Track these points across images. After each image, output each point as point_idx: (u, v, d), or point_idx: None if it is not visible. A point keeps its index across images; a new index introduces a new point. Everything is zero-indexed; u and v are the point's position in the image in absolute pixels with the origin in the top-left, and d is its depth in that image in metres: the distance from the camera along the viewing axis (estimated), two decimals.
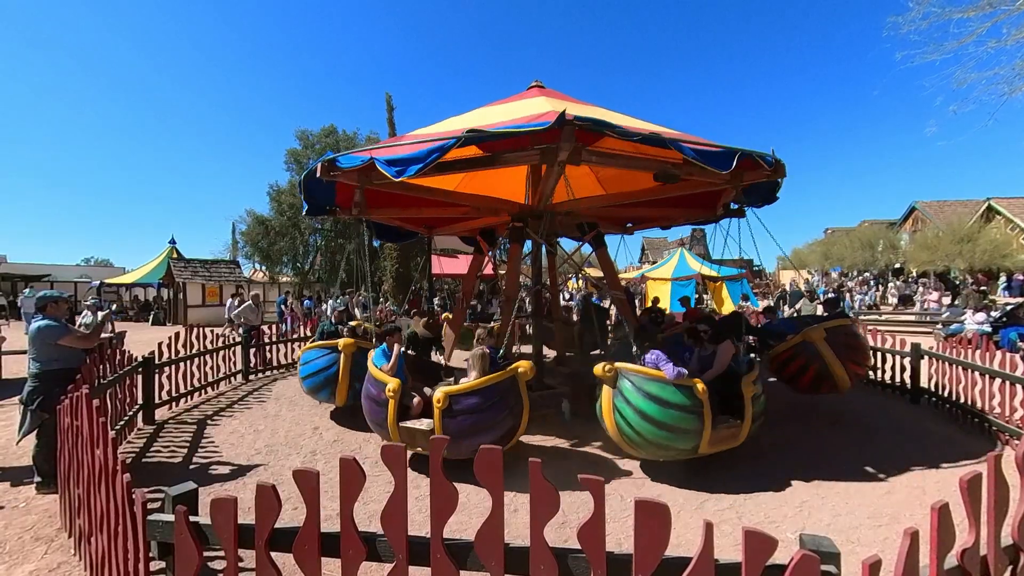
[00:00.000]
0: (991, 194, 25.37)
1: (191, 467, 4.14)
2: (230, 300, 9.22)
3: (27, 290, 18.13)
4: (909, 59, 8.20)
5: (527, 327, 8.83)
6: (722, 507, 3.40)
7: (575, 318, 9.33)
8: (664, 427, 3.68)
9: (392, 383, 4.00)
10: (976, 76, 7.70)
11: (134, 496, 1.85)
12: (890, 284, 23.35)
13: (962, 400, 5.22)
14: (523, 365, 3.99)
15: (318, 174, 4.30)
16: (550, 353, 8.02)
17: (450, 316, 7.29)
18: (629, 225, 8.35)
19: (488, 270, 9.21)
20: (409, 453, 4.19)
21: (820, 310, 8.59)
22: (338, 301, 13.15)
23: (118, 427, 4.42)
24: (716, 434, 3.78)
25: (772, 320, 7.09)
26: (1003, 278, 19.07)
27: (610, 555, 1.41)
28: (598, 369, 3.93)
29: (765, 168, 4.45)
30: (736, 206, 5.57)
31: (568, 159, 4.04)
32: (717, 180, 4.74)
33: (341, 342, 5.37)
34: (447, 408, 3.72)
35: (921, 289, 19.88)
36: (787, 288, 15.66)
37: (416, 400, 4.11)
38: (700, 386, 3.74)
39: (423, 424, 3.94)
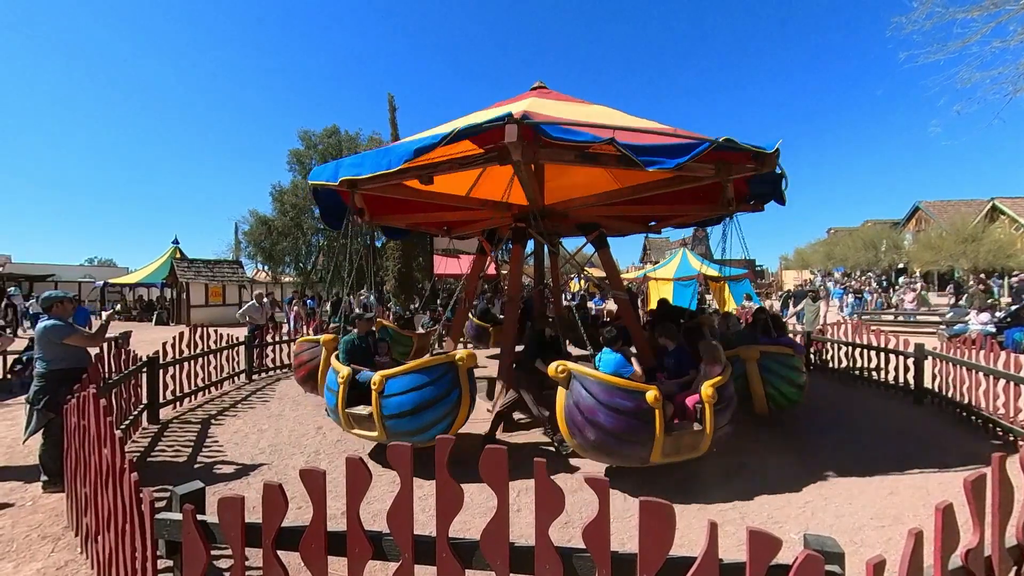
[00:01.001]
0: (995, 194, 25.31)
1: (196, 466, 4.16)
2: (252, 301, 9.29)
3: (12, 288, 18.17)
4: (913, 59, 8.18)
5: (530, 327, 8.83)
6: (725, 508, 3.40)
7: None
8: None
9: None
10: (980, 76, 7.68)
11: (142, 495, 1.87)
12: (900, 285, 23.14)
13: (966, 401, 5.21)
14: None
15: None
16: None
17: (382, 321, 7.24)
18: (653, 223, 8.20)
19: (491, 271, 9.23)
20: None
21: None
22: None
23: (123, 426, 4.45)
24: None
25: (728, 326, 6.95)
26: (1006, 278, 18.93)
27: (615, 555, 1.42)
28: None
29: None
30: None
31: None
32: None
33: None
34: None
35: (899, 289, 19.54)
36: (791, 289, 15.63)
37: None
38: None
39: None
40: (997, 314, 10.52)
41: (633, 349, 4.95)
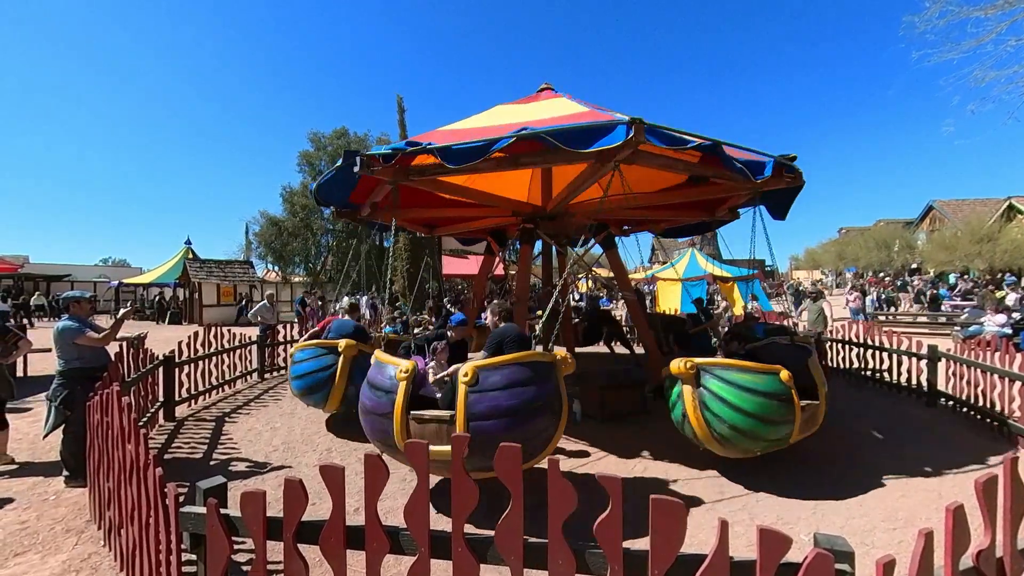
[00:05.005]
0: (1012, 193, 24.82)
1: (212, 463, 4.25)
2: (263, 302, 9.34)
3: None
4: (926, 58, 8.10)
5: (536, 327, 8.86)
6: (735, 508, 3.41)
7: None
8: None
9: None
10: (995, 75, 7.58)
11: (167, 489, 1.93)
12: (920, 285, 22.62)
13: (980, 403, 5.15)
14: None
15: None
16: None
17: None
18: (626, 228, 8.29)
19: (499, 271, 9.27)
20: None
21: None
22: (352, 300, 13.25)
23: (142, 423, 4.56)
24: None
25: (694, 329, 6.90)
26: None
27: (627, 551, 1.45)
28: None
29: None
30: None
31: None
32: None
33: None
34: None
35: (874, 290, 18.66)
36: (806, 287, 15.42)
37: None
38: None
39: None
40: (1014, 315, 10.33)
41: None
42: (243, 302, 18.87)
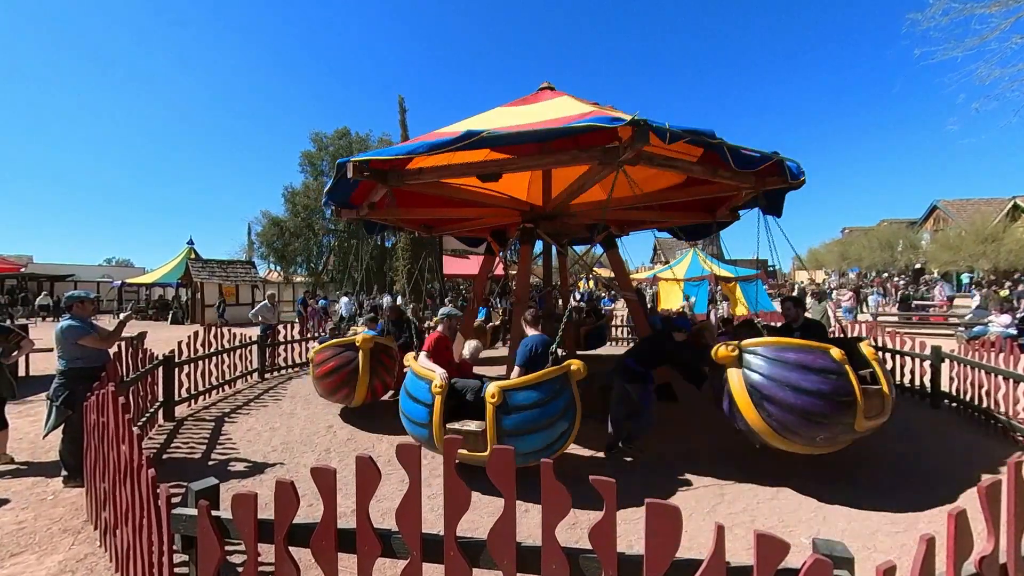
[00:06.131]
0: (1017, 192, 24.67)
1: (210, 463, 4.24)
2: (264, 302, 9.29)
3: None
4: (929, 55, 8.01)
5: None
6: (735, 511, 3.37)
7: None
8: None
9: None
10: (1000, 72, 7.51)
11: (158, 491, 1.91)
12: (939, 285, 22.30)
13: (984, 405, 5.10)
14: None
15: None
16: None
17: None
18: (625, 228, 8.27)
19: (499, 271, 9.26)
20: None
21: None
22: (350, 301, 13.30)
23: (140, 423, 4.55)
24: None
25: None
26: None
27: (621, 556, 1.43)
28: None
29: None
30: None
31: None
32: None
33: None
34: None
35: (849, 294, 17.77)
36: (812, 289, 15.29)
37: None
38: (837, 351, 3.44)
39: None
40: (1020, 315, 10.24)
41: None
42: (219, 305, 18.78)
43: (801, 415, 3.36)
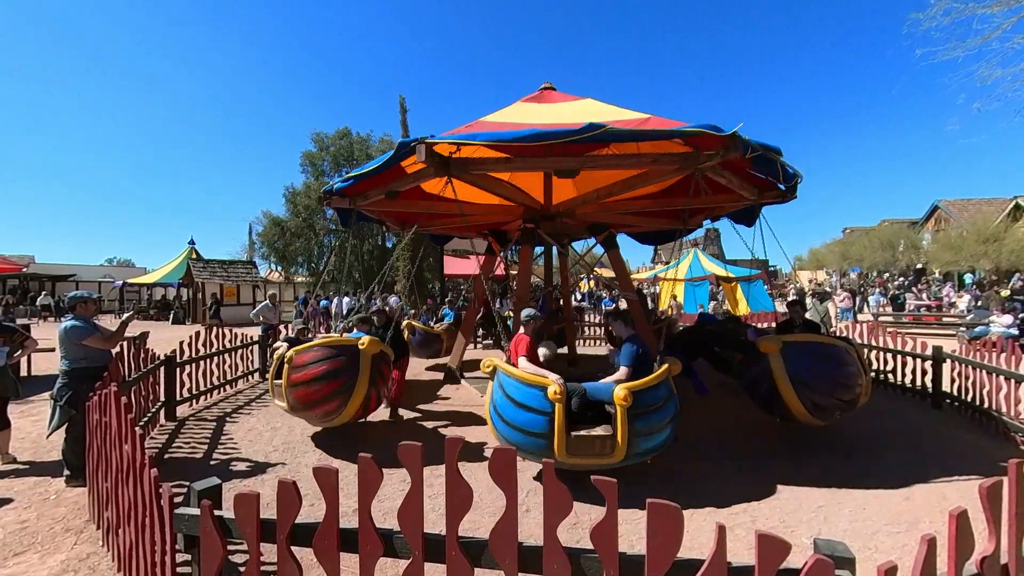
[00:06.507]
0: (1018, 192, 24.60)
1: (212, 463, 4.25)
2: (266, 302, 9.29)
3: None
4: (930, 56, 7.98)
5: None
6: (737, 511, 3.37)
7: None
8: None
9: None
10: (1001, 72, 7.48)
11: (161, 490, 1.92)
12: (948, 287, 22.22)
13: (986, 405, 5.09)
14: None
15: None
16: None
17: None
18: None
19: (499, 271, 9.25)
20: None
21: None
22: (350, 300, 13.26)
23: (142, 423, 4.56)
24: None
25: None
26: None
27: (623, 556, 1.43)
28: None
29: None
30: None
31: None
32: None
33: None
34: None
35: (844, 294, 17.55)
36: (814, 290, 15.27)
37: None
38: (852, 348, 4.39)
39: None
40: (1021, 316, 10.21)
41: None
42: (211, 305, 18.75)
43: (833, 397, 4.16)
